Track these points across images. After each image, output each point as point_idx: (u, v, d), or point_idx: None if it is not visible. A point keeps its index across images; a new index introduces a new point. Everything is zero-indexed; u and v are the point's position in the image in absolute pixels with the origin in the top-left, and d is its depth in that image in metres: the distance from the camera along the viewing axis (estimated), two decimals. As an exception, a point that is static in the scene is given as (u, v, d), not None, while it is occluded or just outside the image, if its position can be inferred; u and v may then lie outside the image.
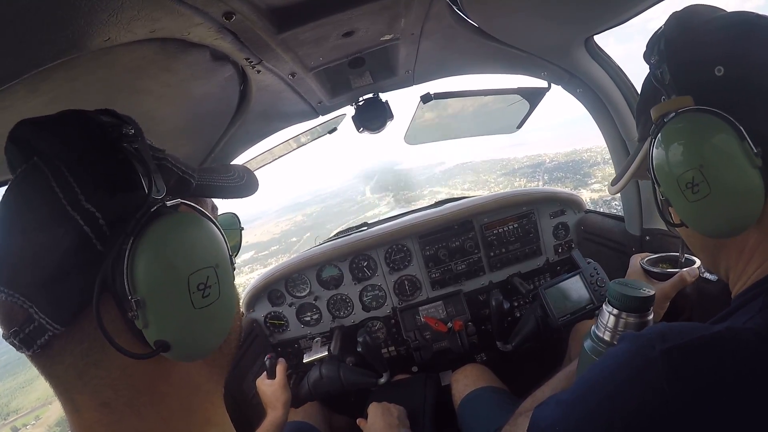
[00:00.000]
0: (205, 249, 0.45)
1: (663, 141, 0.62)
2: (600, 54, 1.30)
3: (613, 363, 0.56)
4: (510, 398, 1.40)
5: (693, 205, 0.59)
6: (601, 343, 0.77)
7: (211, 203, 0.59)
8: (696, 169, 0.58)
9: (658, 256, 1.09)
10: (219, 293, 0.44)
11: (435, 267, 1.88)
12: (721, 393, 0.47)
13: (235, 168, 0.63)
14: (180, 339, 0.42)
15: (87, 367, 0.41)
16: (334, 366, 1.54)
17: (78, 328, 0.40)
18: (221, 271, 0.45)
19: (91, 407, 0.41)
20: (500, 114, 1.80)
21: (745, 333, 0.49)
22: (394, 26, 0.95)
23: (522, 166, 77.36)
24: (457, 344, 1.74)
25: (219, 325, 0.46)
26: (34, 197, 0.41)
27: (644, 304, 0.75)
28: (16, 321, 0.40)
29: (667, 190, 0.63)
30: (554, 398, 0.63)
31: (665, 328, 0.53)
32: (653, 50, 0.64)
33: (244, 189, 0.61)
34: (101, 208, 0.40)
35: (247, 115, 1.21)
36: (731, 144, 0.56)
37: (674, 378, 0.48)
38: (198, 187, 0.52)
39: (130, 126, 0.45)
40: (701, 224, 0.62)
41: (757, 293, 0.56)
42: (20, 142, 0.43)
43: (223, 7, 0.64)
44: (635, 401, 0.50)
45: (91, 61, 0.63)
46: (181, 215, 0.45)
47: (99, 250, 0.40)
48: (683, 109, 0.60)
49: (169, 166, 0.48)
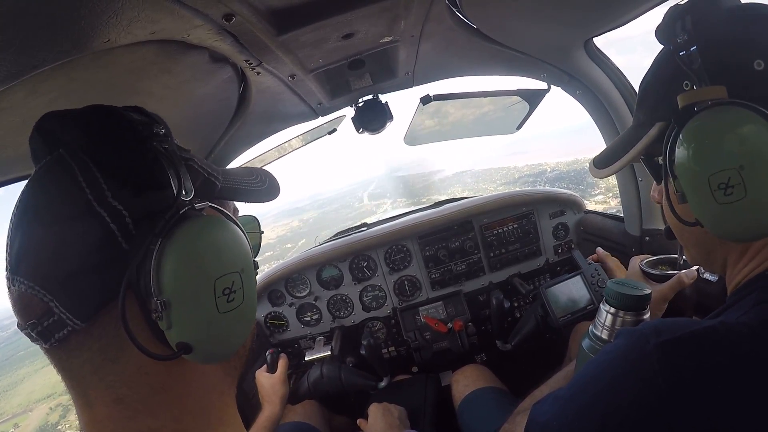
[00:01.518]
0: (232, 253, 0.45)
1: (695, 134, 0.56)
2: (599, 56, 1.30)
3: (609, 358, 0.56)
4: (510, 398, 1.40)
5: (722, 207, 0.54)
6: (599, 341, 0.78)
7: (233, 205, 0.59)
8: (734, 169, 0.53)
9: (657, 258, 1.09)
10: (243, 298, 0.44)
11: (435, 267, 1.88)
12: (715, 386, 0.47)
13: (258, 171, 0.63)
14: (202, 342, 0.41)
15: (104, 363, 0.41)
16: (335, 366, 1.54)
17: (98, 324, 0.40)
18: (246, 276, 0.45)
19: (105, 403, 0.41)
20: (500, 115, 1.80)
21: (738, 327, 0.50)
22: (393, 28, 0.95)
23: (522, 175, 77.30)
24: (457, 344, 1.73)
25: (241, 330, 0.46)
26: (58, 190, 0.40)
27: (640, 302, 0.75)
28: (35, 313, 0.39)
29: (690, 187, 0.57)
30: (552, 394, 0.64)
31: (659, 323, 0.54)
32: (675, 26, 0.58)
33: (266, 193, 0.60)
34: (128, 205, 0.40)
35: (247, 117, 1.21)
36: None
37: (668, 371, 0.48)
38: (223, 189, 0.52)
39: (161, 125, 0.45)
40: (723, 227, 0.57)
41: (751, 290, 0.57)
42: (46, 133, 0.42)
43: (223, 9, 0.64)
44: (630, 395, 0.50)
45: (91, 63, 0.63)
46: (208, 218, 0.45)
47: (124, 248, 0.40)
48: (720, 101, 0.55)
49: (195, 167, 0.48)
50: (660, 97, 0.63)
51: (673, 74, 0.60)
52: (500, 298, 1.65)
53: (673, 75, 0.60)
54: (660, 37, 0.63)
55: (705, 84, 0.56)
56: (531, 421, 0.65)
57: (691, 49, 0.57)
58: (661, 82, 0.64)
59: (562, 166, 67.14)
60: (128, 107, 0.46)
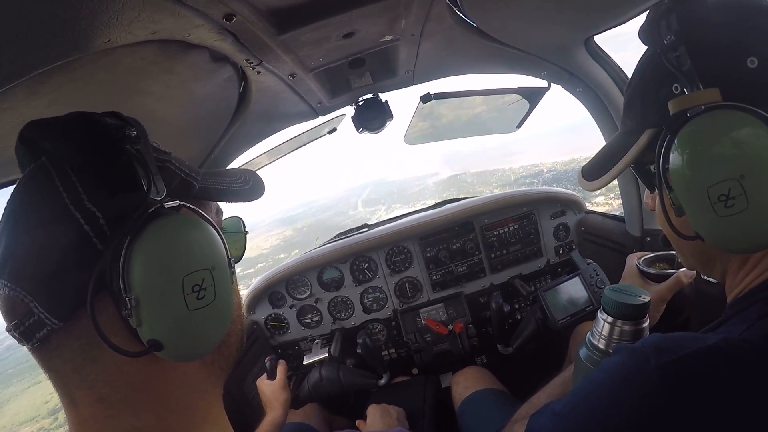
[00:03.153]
0: (202, 251, 0.45)
1: (689, 142, 0.52)
2: (600, 54, 1.30)
3: (607, 376, 0.54)
4: (510, 400, 1.39)
5: (723, 219, 0.51)
6: (596, 351, 0.75)
7: (215, 206, 0.59)
8: (735, 180, 0.49)
9: (654, 255, 1.07)
10: (215, 295, 0.45)
11: (436, 269, 1.88)
12: (718, 408, 0.46)
13: (242, 172, 0.63)
14: (173, 339, 0.42)
15: (84, 362, 0.41)
16: (333, 368, 1.54)
17: (76, 324, 0.41)
18: (217, 274, 0.45)
19: (88, 402, 0.42)
20: (500, 113, 1.80)
21: (742, 345, 0.48)
22: (394, 27, 0.95)
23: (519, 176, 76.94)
24: (457, 346, 1.73)
25: (214, 327, 0.46)
26: (39, 196, 0.42)
27: (639, 311, 0.72)
28: (18, 314, 0.41)
29: (688, 200, 0.54)
30: (549, 408, 0.62)
31: (660, 341, 0.52)
32: (659, 26, 0.55)
33: (249, 193, 0.60)
34: (102, 207, 0.41)
35: (247, 116, 1.21)
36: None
37: (670, 393, 0.47)
38: (201, 189, 0.53)
39: (133, 128, 0.46)
40: (725, 240, 0.53)
41: (753, 301, 0.55)
42: (29, 143, 0.44)
43: (223, 9, 0.64)
44: (629, 415, 0.49)
45: (91, 63, 0.63)
46: (178, 217, 0.45)
47: (99, 249, 0.41)
48: (714, 105, 0.51)
49: (172, 168, 0.49)
50: (649, 102, 0.60)
51: (661, 77, 0.57)
52: (499, 302, 1.64)
53: (661, 78, 0.57)
54: (644, 39, 0.60)
55: (696, 87, 0.53)
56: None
57: (678, 49, 0.53)
58: (648, 86, 0.60)
59: (558, 166, 66.60)
60: (105, 113, 0.47)
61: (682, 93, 0.54)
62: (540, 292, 1.45)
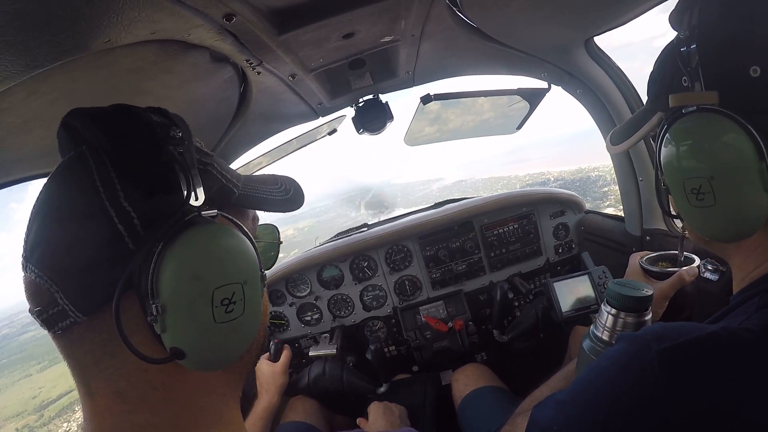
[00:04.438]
0: (235, 264, 0.44)
1: (676, 136, 0.58)
2: (600, 55, 1.30)
3: (610, 363, 0.55)
4: (510, 397, 1.40)
5: (694, 209, 0.57)
6: (600, 342, 0.77)
7: (252, 214, 0.58)
8: (705, 179, 0.54)
9: (657, 254, 1.08)
10: (243, 310, 0.44)
11: (435, 267, 1.88)
12: (717, 393, 0.47)
13: (282, 179, 0.62)
14: (197, 350, 0.41)
15: (104, 356, 0.41)
16: (338, 366, 1.55)
17: (99, 318, 0.40)
18: (249, 288, 0.45)
19: (105, 394, 0.42)
20: (500, 115, 1.80)
21: (741, 333, 0.49)
22: (394, 28, 0.95)
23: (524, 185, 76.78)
24: (457, 344, 1.74)
25: (239, 341, 0.45)
26: (75, 188, 0.41)
27: (642, 303, 0.75)
28: (41, 301, 0.41)
29: (670, 184, 0.61)
30: (552, 398, 0.63)
31: (661, 329, 0.53)
32: (682, 19, 0.57)
33: (288, 203, 0.60)
34: (138, 208, 0.41)
35: (247, 117, 1.21)
36: (749, 162, 0.51)
37: (670, 378, 0.48)
38: (241, 197, 0.52)
39: (178, 128, 0.45)
40: (698, 226, 0.60)
41: (754, 293, 0.56)
42: (71, 130, 0.43)
43: (223, 9, 0.64)
44: (632, 401, 0.50)
45: (91, 63, 0.63)
46: (215, 227, 0.44)
47: (130, 249, 0.40)
48: (706, 107, 0.54)
49: (213, 173, 0.48)
50: (662, 88, 0.63)
51: (675, 67, 0.59)
52: (505, 288, 1.65)
53: (675, 69, 0.59)
54: (672, 24, 0.61)
55: (699, 85, 0.55)
56: (531, 423, 0.64)
57: (690, 47, 0.55)
58: (665, 73, 0.63)
59: (566, 175, 66.06)
60: (151, 108, 0.46)
61: (689, 88, 0.57)
62: (549, 282, 1.45)
